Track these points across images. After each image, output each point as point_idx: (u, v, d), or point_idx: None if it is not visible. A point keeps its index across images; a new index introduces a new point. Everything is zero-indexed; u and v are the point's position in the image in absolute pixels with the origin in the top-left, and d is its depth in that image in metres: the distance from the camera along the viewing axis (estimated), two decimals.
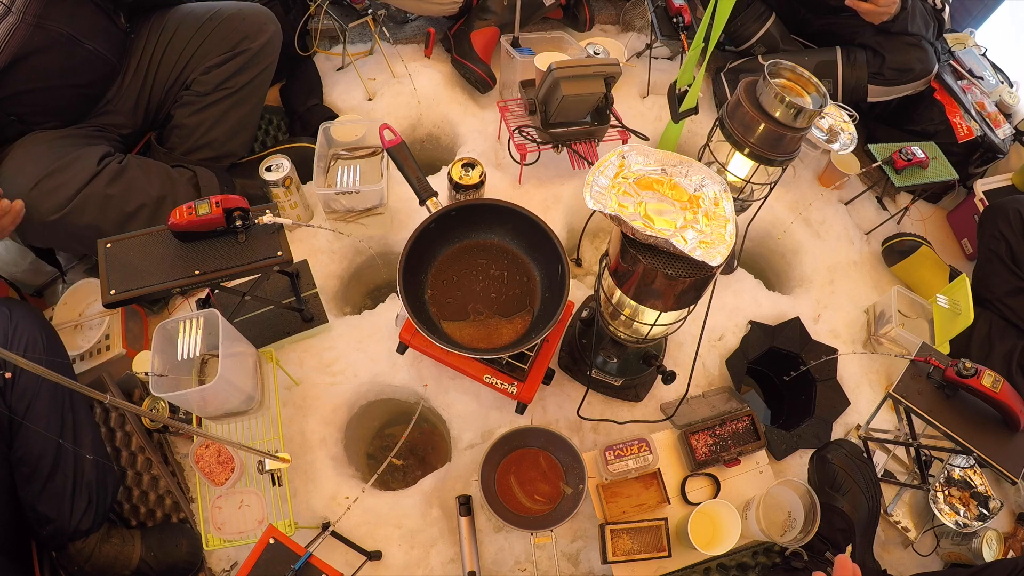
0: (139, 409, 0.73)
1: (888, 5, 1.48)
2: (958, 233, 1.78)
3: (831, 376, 1.41)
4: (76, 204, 1.16)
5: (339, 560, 1.13)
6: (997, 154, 1.71)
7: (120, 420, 1.21)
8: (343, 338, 1.33)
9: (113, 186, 1.19)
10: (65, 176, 1.16)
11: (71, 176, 1.16)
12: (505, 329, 1.15)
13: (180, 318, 0.98)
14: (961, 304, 1.38)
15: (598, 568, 1.19)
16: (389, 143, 1.19)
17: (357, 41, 1.80)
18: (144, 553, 1.10)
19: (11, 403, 1.00)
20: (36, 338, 1.05)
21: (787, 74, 1.09)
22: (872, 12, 1.51)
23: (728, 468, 1.25)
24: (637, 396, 1.32)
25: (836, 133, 1.56)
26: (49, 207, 1.15)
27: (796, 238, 1.61)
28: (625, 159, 0.89)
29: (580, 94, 1.32)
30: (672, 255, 0.84)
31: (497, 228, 1.21)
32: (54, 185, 1.15)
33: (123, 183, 1.21)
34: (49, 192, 1.15)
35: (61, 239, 1.25)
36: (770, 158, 1.10)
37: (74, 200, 1.15)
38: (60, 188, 1.15)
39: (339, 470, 1.23)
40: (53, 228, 1.17)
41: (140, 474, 1.19)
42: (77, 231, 1.19)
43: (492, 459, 1.17)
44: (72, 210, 1.16)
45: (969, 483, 1.31)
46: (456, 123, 1.68)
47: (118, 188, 1.20)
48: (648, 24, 1.78)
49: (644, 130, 1.61)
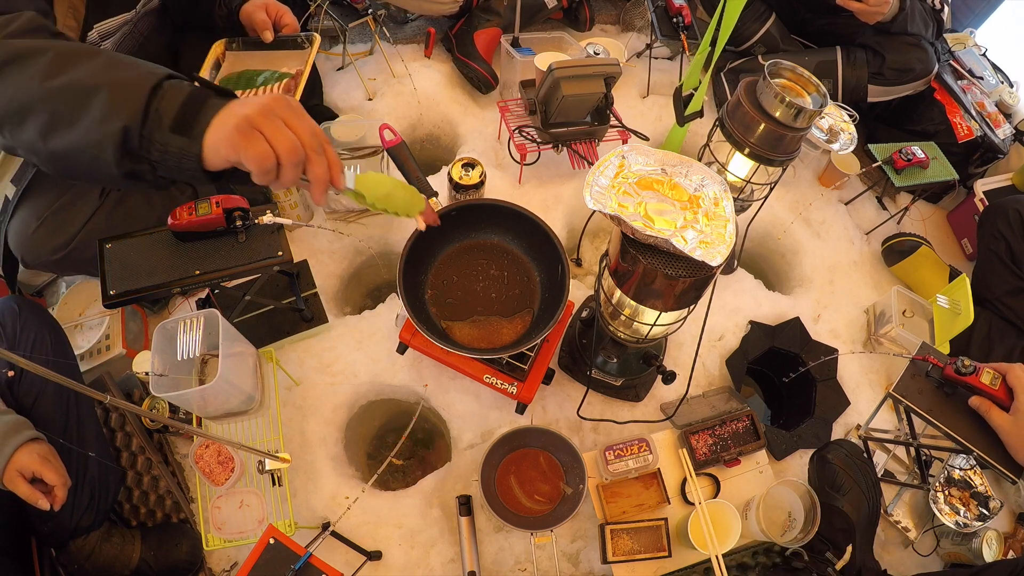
0: (139, 409, 0.73)
1: (879, 5, 1.48)
2: (958, 233, 1.78)
3: (831, 376, 1.41)
4: (79, 241, 1.15)
5: (339, 560, 1.13)
6: (997, 154, 1.71)
7: (120, 420, 1.21)
8: (343, 338, 1.33)
9: (115, 217, 1.18)
10: (68, 214, 1.15)
11: (74, 214, 1.15)
12: (505, 329, 1.15)
13: (180, 318, 0.98)
14: (961, 304, 1.38)
15: (598, 568, 1.19)
16: (389, 143, 1.19)
17: (357, 41, 1.80)
18: (144, 553, 1.10)
19: (18, 398, 1.00)
20: (43, 336, 1.05)
21: (787, 74, 1.09)
22: (864, 11, 1.50)
23: (728, 468, 1.25)
24: (637, 396, 1.32)
25: (836, 133, 1.56)
26: (54, 245, 1.14)
27: (796, 238, 1.61)
28: (625, 159, 0.89)
29: (580, 94, 1.32)
30: (672, 255, 0.84)
31: (497, 228, 1.21)
32: (57, 224, 1.14)
33: (125, 212, 1.19)
34: (53, 231, 1.14)
35: (65, 270, 1.27)
36: (770, 158, 1.10)
37: (77, 237, 1.15)
38: (64, 227, 1.14)
39: (339, 470, 1.23)
40: (57, 263, 1.17)
41: (140, 474, 1.19)
42: (81, 264, 1.19)
43: (492, 459, 1.17)
44: (76, 247, 1.15)
45: (969, 483, 1.31)
46: (456, 123, 1.68)
47: (120, 219, 1.18)
48: (648, 24, 1.78)
49: (644, 130, 1.61)
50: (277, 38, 1.35)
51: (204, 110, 0.74)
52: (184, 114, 0.73)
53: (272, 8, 1.32)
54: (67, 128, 0.75)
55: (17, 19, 0.82)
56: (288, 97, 0.78)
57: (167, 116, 0.73)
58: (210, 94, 0.76)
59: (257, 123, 0.72)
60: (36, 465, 0.91)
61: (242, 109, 0.73)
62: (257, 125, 0.72)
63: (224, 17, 1.32)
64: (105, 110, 0.73)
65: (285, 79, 1.33)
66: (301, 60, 1.37)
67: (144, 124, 0.73)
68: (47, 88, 0.75)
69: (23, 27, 0.81)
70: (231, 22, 1.33)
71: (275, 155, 0.73)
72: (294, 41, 1.38)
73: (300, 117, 0.76)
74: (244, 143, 0.72)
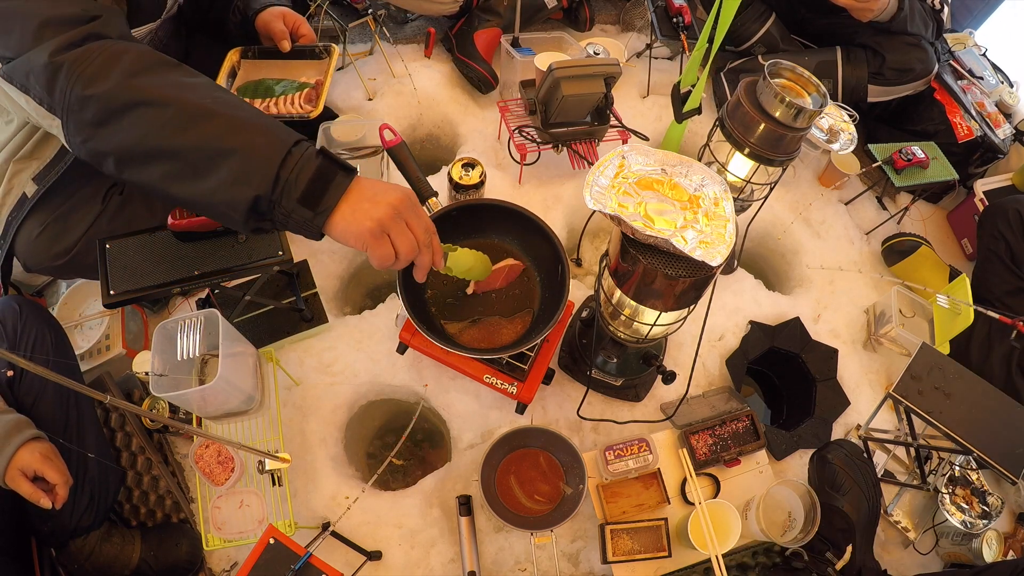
0: (139, 409, 0.73)
1: (871, 1, 1.48)
2: (958, 233, 1.78)
3: (831, 376, 1.41)
4: (81, 247, 1.15)
5: (339, 560, 1.13)
6: (997, 154, 1.71)
7: (120, 420, 1.21)
8: (343, 338, 1.33)
9: (117, 223, 1.17)
10: (70, 220, 1.15)
11: (76, 220, 1.15)
12: (505, 329, 1.15)
13: (180, 318, 0.98)
14: (961, 304, 1.38)
15: (598, 568, 1.19)
16: (389, 143, 1.18)
17: (357, 41, 1.80)
18: (144, 553, 1.10)
19: (18, 397, 1.01)
20: (44, 336, 1.05)
21: (787, 74, 1.09)
22: (857, 9, 1.50)
23: (728, 468, 1.25)
24: (637, 396, 1.32)
25: (836, 133, 1.56)
26: (56, 252, 1.14)
27: (796, 238, 1.61)
28: (625, 159, 0.89)
29: (580, 94, 1.32)
30: (672, 255, 0.84)
31: (497, 228, 1.21)
32: (59, 230, 1.14)
33: (126, 216, 1.19)
34: (55, 237, 1.14)
35: (66, 275, 1.27)
36: (770, 158, 1.10)
37: (79, 243, 1.14)
38: (66, 233, 1.14)
39: (339, 470, 1.23)
40: (59, 269, 1.17)
41: (140, 474, 1.19)
42: (83, 269, 1.18)
43: (492, 459, 1.17)
44: (78, 253, 1.15)
45: (968, 479, 1.31)
46: (456, 123, 1.68)
47: (122, 225, 1.18)
48: (648, 24, 1.78)
49: (644, 130, 1.61)
50: (294, 48, 1.35)
51: (331, 189, 0.80)
52: (312, 190, 0.79)
53: (290, 18, 1.32)
54: (193, 181, 0.80)
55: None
56: (410, 194, 0.85)
57: (296, 189, 0.78)
58: (336, 170, 0.81)
59: (387, 228, 0.81)
60: (38, 464, 0.91)
61: (375, 211, 0.80)
62: (387, 230, 0.81)
63: (238, 24, 1.32)
64: (236, 175, 0.78)
65: (305, 89, 1.33)
66: (319, 70, 1.37)
67: (273, 192, 0.78)
68: (178, 142, 0.79)
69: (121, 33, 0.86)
70: (244, 29, 1.32)
71: (396, 255, 0.83)
72: (312, 51, 1.38)
73: (419, 217, 0.85)
74: (374, 244, 0.81)
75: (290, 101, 1.32)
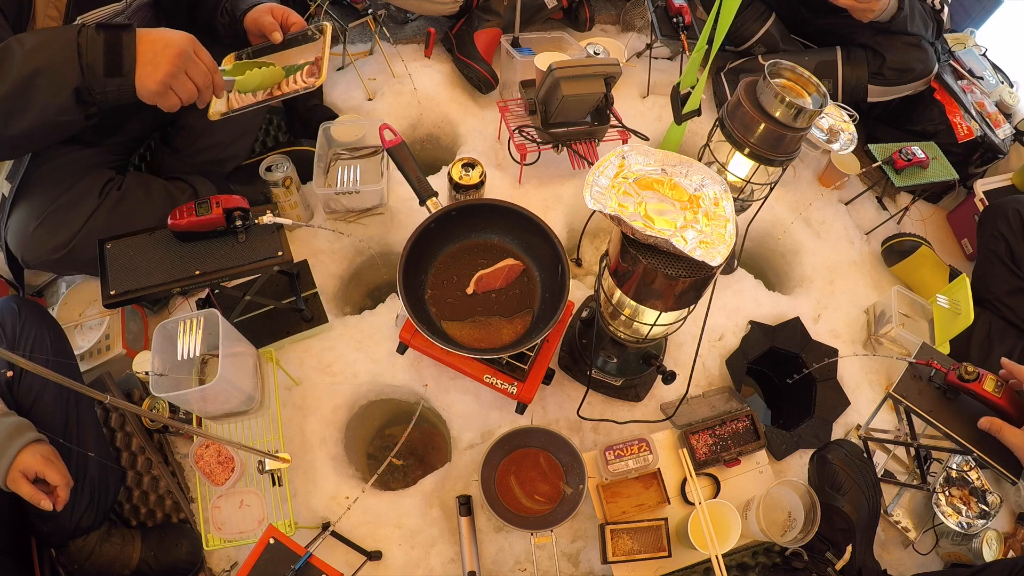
0: (139, 409, 0.73)
1: (871, 1, 1.47)
2: (958, 233, 1.78)
3: (831, 376, 1.41)
4: (79, 240, 1.15)
5: (339, 560, 1.13)
6: (997, 154, 1.71)
7: (120, 420, 1.21)
8: (343, 338, 1.33)
9: (115, 216, 1.18)
10: (68, 213, 1.15)
11: (74, 213, 1.15)
12: (505, 329, 1.15)
13: (180, 318, 0.98)
14: (961, 304, 1.38)
15: (598, 568, 1.19)
16: (389, 143, 1.19)
17: (357, 41, 1.80)
18: (144, 553, 1.10)
19: (18, 398, 1.00)
20: (43, 336, 1.05)
21: (787, 74, 1.09)
22: (857, 9, 1.50)
23: (728, 468, 1.25)
24: (637, 396, 1.32)
25: (836, 133, 1.56)
26: (54, 245, 1.14)
27: (796, 238, 1.61)
28: (625, 159, 0.89)
29: (580, 94, 1.32)
30: (672, 255, 0.84)
31: (497, 228, 1.21)
32: (57, 223, 1.14)
33: (124, 211, 1.19)
34: (53, 230, 1.14)
35: (64, 269, 1.27)
36: (770, 158, 1.10)
37: (78, 236, 1.14)
38: (64, 226, 1.14)
39: (339, 470, 1.23)
40: (57, 263, 1.17)
41: (140, 474, 1.19)
42: (81, 264, 1.19)
43: (492, 459, 1.17)
44: (76, 246, 1.15)
45: (966, 479, 1.31)
46: (456, 123, 1.68)
47: (120, 218, 1.18)
48: (648, 24, 1.78)
49: (644, 130, 1.61)
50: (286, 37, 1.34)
51: (124, 53, 0.93)
52: (111, 60, 0.93)
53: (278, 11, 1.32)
54: (24, 112, 0.93)
55: None
56: (189, 42, 0.98)
57: (99, 67, 0.92)
58: (118, 34, 0.93)
59: (170, 83, 0.97)
60: (39, 466, 0.91)
61: (156, 74, 0.95)
62: (170, 85, 0.97)
63: (226, 25, 1.32)
64: (52, 86, 0.92)
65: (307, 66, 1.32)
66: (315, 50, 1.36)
67: (84, 79, 0.92)
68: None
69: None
70: (233, 30, 1.32)
71: (181, 101, 1.00)
72: (304, 36, 1.37)
73: (198, 64, 1.00)
74: (161, 101, 0.98)
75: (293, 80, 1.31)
